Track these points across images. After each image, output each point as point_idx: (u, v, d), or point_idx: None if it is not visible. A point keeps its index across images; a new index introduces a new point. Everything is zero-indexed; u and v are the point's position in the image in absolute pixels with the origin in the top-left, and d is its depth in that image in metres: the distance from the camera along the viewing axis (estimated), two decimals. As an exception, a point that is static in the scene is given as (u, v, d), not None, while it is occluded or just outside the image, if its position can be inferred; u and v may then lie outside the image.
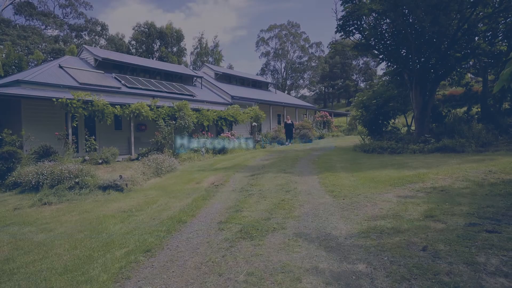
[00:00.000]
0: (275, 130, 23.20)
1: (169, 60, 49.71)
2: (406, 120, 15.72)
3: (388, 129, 14.77)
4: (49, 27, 39.15)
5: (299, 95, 75.44)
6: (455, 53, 11.18)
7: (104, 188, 7.41)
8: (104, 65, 19.02)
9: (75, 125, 13.07)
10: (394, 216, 4.09)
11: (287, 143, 17.86)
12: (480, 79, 15.78)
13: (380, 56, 12.22)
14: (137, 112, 14.67)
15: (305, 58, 72.10)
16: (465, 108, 15.92)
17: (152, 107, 15.71)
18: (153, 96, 18.66)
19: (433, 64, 11.35)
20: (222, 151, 14.89)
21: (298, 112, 28.57)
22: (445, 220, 3.77)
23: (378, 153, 11.16)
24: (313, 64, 72.27)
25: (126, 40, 52.75)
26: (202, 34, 55.82)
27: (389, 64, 13.04)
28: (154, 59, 50.21)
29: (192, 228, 4.23)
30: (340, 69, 75.30)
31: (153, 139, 14.95)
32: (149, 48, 54.22)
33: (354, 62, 78.01)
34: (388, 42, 10.99)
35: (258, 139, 22.56)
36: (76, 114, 13.09)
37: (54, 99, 12.39)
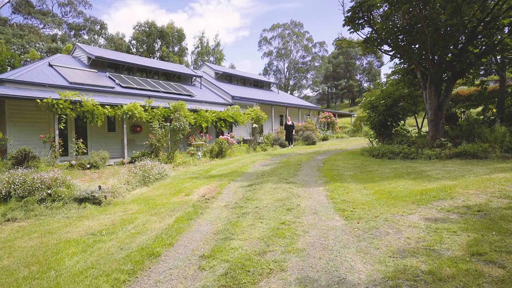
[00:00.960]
0: (277, 131, 22.24)
1: (170, 60, 48.87)
2: (417, 122, 14.72)
3: (397, 131, 13.80)
4: (47, 26, 38.42)
5: (302, 95, 74.46)
6: (474, 48, 10.19)
7: (80, 200, 6.49)
8: (97, 63, 18.16)
9: (62, 127, 12.17)
10: (427, 251, 3.13)
11: (288, 145, 16.89)
12: (497, 77, 14.77)
13: (391, 52, 11.23)
14: (130, 113, 13.77)
15: (308, 58, 71.11)
16: (479, 109, 14.90)
17: (147, 108, 14.82)
18: (149, 96, 17.78)
19: (449, 60, 10.36)
20: (220, 154, 13.96)
21: (301, 112, 27.60)
22: (502, 261, 2.81)
23: (389, 158, 10.18)
24: (316, 64, 71.25)
25: (127, 39, 52.02)
26: (203, 33, 54.93)
27: (400, 61, 12.05)
28: (156, 59, 49.39)
29: (165, 265, 3.28)
30: (343, 69, 74.30)
31: (147, 142, 14.05)
32: (150, 48, 53.43)
33: (357, 62, 76.99)
34: (400, 36, 10.01)
35: (260, 141, 21.67)
36: (63, 116, 12.22)
37: (39, 100, 11.52)
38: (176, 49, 56.79)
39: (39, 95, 11.82)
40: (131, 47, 52.20)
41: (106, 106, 13.23)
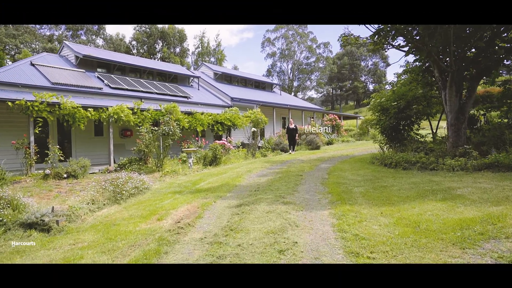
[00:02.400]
0: (278, 135, 20.94)
1: (171, 61, 47.83)
2: (431, 126, 13.32)
3: (410, 136, 12.45)
4: (44, 27, 37.48)
5: (306, 97, 73.14)
6: (503, 42, 8.84)
7: (28, 226, 5.24)
8: (87, 63, 17.01)
9: (38, 132, 10.98)
10: None
11: (290, 151, 15.58)
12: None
13: (406, 48, 9.90)
14: (116, 116, 12.56)
15: (313, 59, 69.77)
16: (498, 112, 13.48)
17: (135, 110, 13.61)
18: (141, 98, 16.59)
19: (474, 56, 9.01)
20: (214, 162, 12.68)
21: (304, 114, 26.27)
22: None
23: (404, 168, 8.83)
24: (320, 65, 69.90)
25: (127, 40, 51.06)
26: (203, 33, 53.79)
27: (416, 57, 10.72)
28: (157, 60, 48.29)
29: None
30: (348, 70, 72.86)
31: (134, 148, 12.83)
32: (151, 49, 52.44)
33: (363, 63, 75.49)
34: (417, 28, 8.67)
35: (260, 145, 20.40)
36: (39, 119, 11.03)
37: (10, 102, 10.34)
38: (177, 50, 55.76)
39: (12, 97, 10.65)
40: (132, 48, 51.24)
41: (89, 109, 12.04)
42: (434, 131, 13.01)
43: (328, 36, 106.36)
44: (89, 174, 12.58)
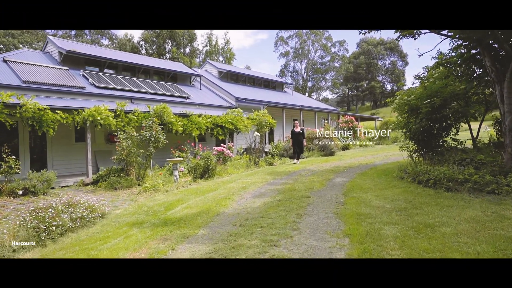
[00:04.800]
0: (288, 139, 18.75)
1: (180, 61, 46.24)
2: (470, 130, 10.86)
3: (445, 142, 10.12)
4: (49, 27, 36.30)
5: (320, 98, 70.54)
6: None
7: None
8: (72, 60, 15.27)
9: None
10: None
11: (295, 160, 13.29)
12: None
13: (445, 31, 7.62)
14: (91, 119, 10.69)
15: (327, 58, 67.19)
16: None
17: (118, 112, 11.71)
18: (131, 98, 14.73)
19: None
20: (207, 173, 10.61)
21: (317, 116, 23.97)
22: None
23: (448, 189, 6.54)
24: (336, 65, 67.27)
25: (135, 40, 49.83)
26: (211, 31, 52.13)
27: (459, 43, 8.41)
28: (166, 59, 46.78)
29: None
30: (365, 70, 69.99)
31: (114, 157, 10.90)
32: (160, 49, 51.06)
33: (380, 63, 72.42)
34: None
35: (268, 150, 18.26)
36: (-4, 123, 9.25)
37: (-45, 103, 8.57)
38: (187, 50, 54.22)
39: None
40: (140, 48, 49.98)
41: (57, 111, 10.20)
42: (475, 136, 10.60)
43: (344, 34, 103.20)
44: (61, 187, 10.78)
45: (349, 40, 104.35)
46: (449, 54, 10.12)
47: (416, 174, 7.85)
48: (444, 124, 9.90)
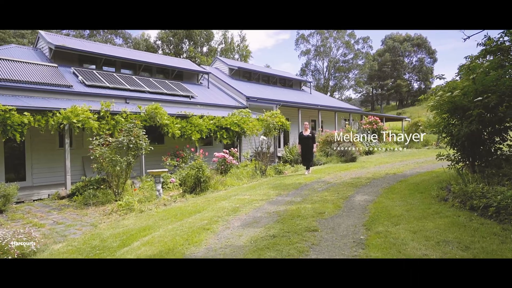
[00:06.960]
0: (295, 144, 16.77)
1: (198, 61, 44.99)
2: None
3: (501, 151, 7.89)
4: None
5: (343, 97, 67.62)
6: None
7: None
8: (63, 56, 13.95)
9: None
10: None
11: (305, 171, 11.19)
12: None
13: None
14: (66, 122, 9.17)
15: (350, 56, 64.25)
16: None
17: (103, 114, 10.17)
18: (126, 98, 13.22)
19: None
20: (198, 186, 8.80)
21: (338, 116, 21.76)
22: None
23: (521, 224, 4.45)
24: (359, 62, 64.24)
25: (152, 40, 49.05)
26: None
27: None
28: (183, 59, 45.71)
29: None
30: (390, 68, 66.55)
31: (94, 165, 9.28)
32: (177, 49, 50.06)
33: (406, 60, 68.64)
34: None
35: (281, 155, 16.37)
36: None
37: None
38: (204, 49, 52.99)
39: None
40: (157, 48, 49.18)
41: (25, 113, 8.73)
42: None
43: (368, 30, 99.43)
44: (32, 201, 9.32)
45: (373, 36, 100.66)
46: (501, 39, 7.90)
47: (466, 195, 5.76)
48: (497, 126, 7.69)
